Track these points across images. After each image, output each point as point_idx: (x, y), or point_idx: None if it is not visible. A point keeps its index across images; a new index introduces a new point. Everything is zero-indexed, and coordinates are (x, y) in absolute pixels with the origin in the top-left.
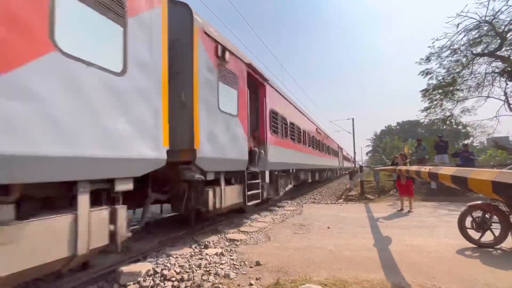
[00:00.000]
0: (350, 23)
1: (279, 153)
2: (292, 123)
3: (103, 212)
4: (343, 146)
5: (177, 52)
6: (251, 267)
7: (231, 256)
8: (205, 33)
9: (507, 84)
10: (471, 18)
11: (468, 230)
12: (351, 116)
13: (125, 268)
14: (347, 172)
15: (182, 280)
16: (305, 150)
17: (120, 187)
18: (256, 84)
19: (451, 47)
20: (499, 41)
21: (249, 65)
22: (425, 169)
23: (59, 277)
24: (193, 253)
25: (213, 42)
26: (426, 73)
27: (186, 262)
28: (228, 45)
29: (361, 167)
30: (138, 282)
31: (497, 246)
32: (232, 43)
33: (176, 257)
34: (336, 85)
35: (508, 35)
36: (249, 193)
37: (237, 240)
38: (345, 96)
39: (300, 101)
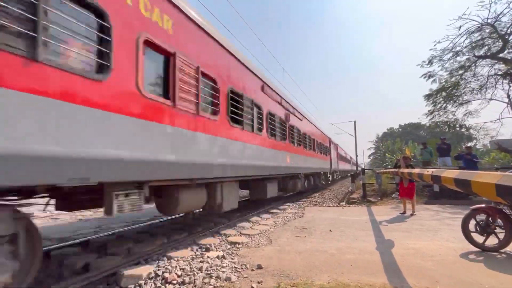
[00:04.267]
0: (351, 28)
1: None
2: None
3: None
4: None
5: None
6: (252, 270)
7: (232, 259)
8: None
9: (510, 86)
10: (473, 20)
11: (471, 233)
12: (353, 119)
13: (126, 271)
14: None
15: (183, 283)
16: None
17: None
18: None
19: (453, 50)
20: (501, 43)
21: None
22: (428, 172)
23: (60, 279)
24: (194, 256)
25: None
26: (428, 75)
27: (187, 265)
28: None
29: (363, 169)
30: (139, 285)
31: (502, 250)
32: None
33: (178, 260)
34: (338, 88)
35: (511, 38)
36: None
37: (239, 243)
38: (347, 99)
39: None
